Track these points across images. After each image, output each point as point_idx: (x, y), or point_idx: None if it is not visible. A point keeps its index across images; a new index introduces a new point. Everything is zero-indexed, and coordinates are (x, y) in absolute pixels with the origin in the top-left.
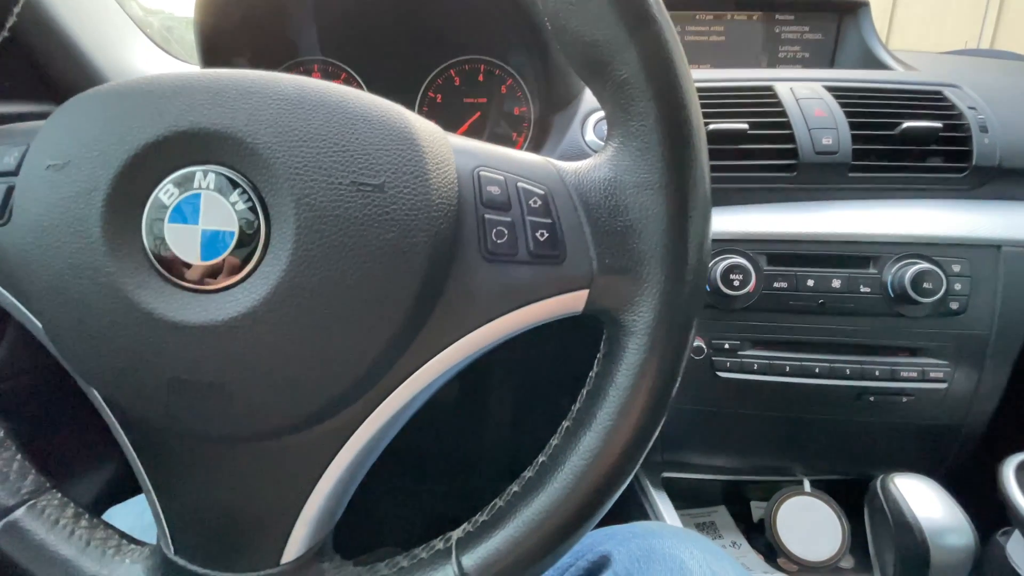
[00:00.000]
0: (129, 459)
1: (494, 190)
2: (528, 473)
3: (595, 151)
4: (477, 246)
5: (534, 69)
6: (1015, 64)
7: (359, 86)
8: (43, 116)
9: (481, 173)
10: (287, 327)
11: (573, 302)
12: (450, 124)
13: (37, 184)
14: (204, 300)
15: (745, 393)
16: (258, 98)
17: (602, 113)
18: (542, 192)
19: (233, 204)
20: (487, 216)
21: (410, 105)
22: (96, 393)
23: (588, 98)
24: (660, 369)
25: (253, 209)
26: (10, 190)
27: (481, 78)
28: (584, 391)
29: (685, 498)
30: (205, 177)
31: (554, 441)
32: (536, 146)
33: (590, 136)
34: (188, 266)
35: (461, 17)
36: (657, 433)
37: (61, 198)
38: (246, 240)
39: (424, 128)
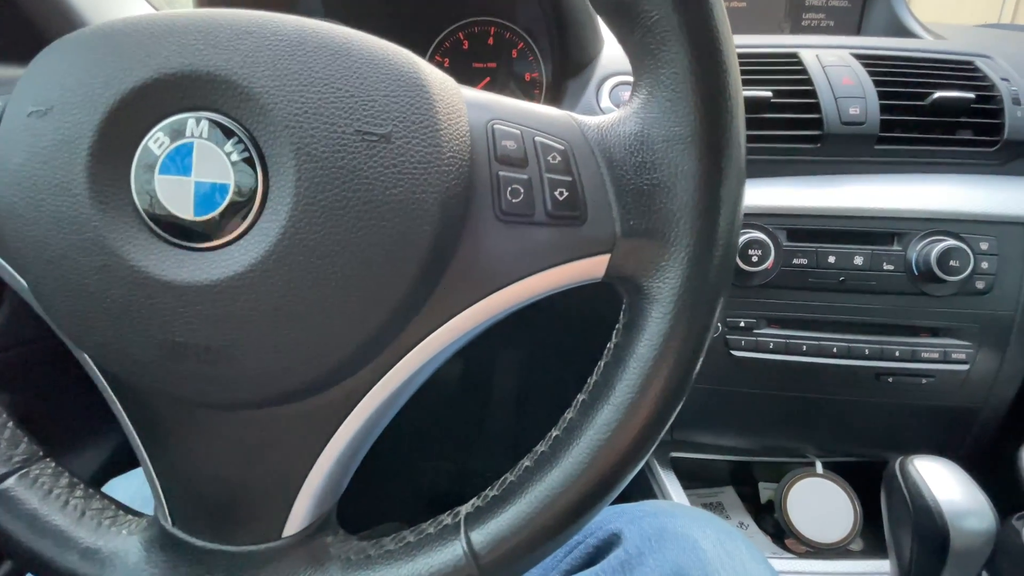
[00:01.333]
0: (123, 427)
1: (509, 144)
2: (541, 447)
3: None
4: (491, 205)
5: (547, 31)
6: None
7: None
8: None
9: (496, 126)
10: (288, 286)
11: (593, 267)
12: None
13: (18, 132)
14: (199, 258)
15: (759, 372)
16: (255, 39)
17: (618, 78)
18: (562, 147)
19: (228, 154)
20: (501, 173)
21: None
22: (87, 358)
23: (603, 62)
24: (685, 340)
25: (250, 160)
26: None
27: (491, 41)
28: (602, 363)
29: (693, 478)
30: (198, 125)
31: (569, 415)
32: None
33: (606, 102)
34: (181, 221)
35: None
36: (679, 408)
37: (43, 147)
38: (242, 194)
39: (435, 76)
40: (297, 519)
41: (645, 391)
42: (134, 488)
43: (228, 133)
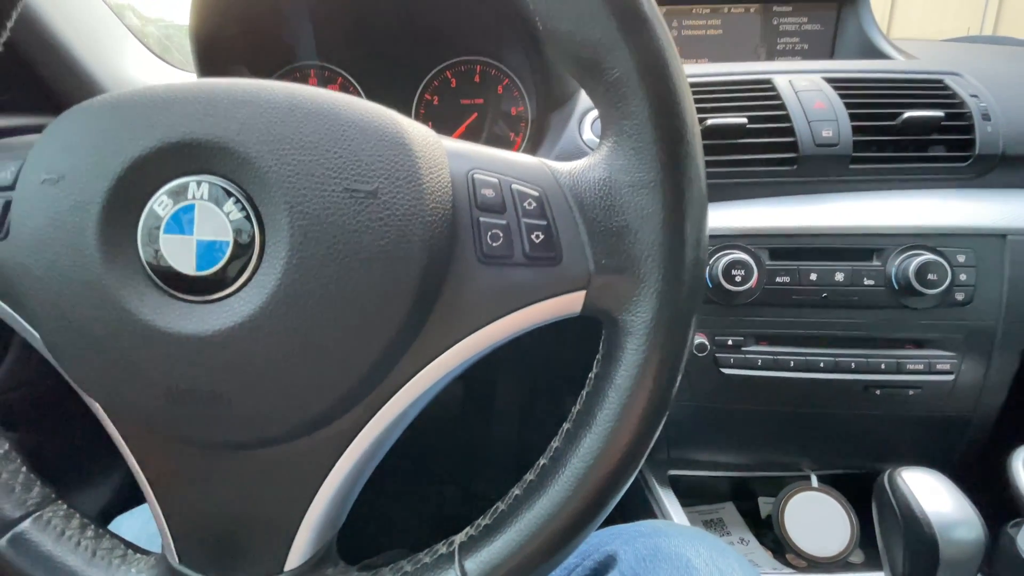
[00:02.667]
0: (131, 468)
1: (488, 193)
2: (530, 476)
3: (592, 149)
4: (473, 249)
5: (530, 68)
6: (1017, 50)
7: (355, 90)
8: (41, 129)
9: (475, 176)
10: (284, 335)
11: (571, 303)
12: (447, 126)
13: (33, 199)
14: (201, 310)
15: (749, 389)
16: (250, 108)
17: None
18: (536, 194)
19: (227, 214)
20: (482, 219)
21: (406, 108)
22: (97, 404)
23: (584, 97)
24: (660, 369)
25: (247, 218)
26: (7, 205)
27: (477, 79)
28: (584, 392)
29: (692, 495)
30: (199, 187)
31: (555, 443)
32: (534, 145)
33: (587, 134)
34: (184, 276)
35: (455, 18)
36: (658, 433)
37: (57, 212)
38: (241, 249)
39: (416, 132)
40: (298, 553)
41: (625, 419)
42: (139, 525)
43: (227, 194)
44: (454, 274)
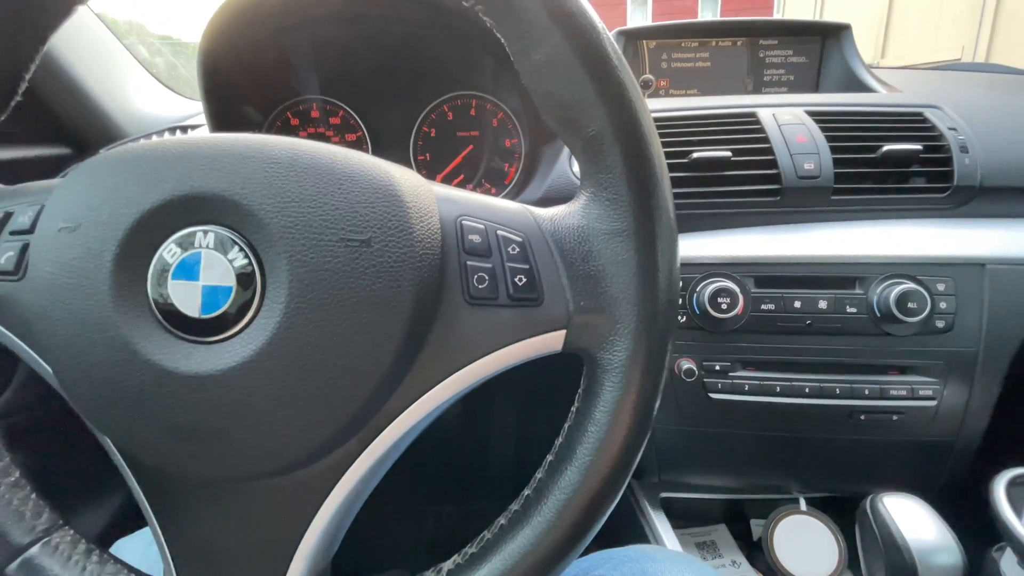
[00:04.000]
0: (136, 498)
1: (475, 238)
2: (515, 506)
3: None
4: (460, 291)
5: (523, 104)
6: (1000, 79)
7: (356, 123)
8: (57, 159)
9: (463, 222)
10: (282, 374)
11: (552, 341)
12: (444, 156)
13: (50, 245)
14: (204, 351)
15: (737, 413)
16: (253, 163)
17: None
18: (520, 239)
19: (231, 261)
20: (469, 263)
21: (405, 139)
22: (103, 437)
23: None
24: (636, 405)
25: (250, 266)
26: (25, 247)
27: (473, 112)
28: (566, 426)
29: (685, 517)
30: (205, 236)
31: (539, 475)
32: (527, 176)
33: (577, 167)
34: (190, 319)
35: (453, 58)
36: (635, 465)
37: (72, 258)
38: (243, 295)
39: (408, 182)
40: None
41: (603, 452)
42: (140, 549)
43: (231, 243)
44: (443, 314)
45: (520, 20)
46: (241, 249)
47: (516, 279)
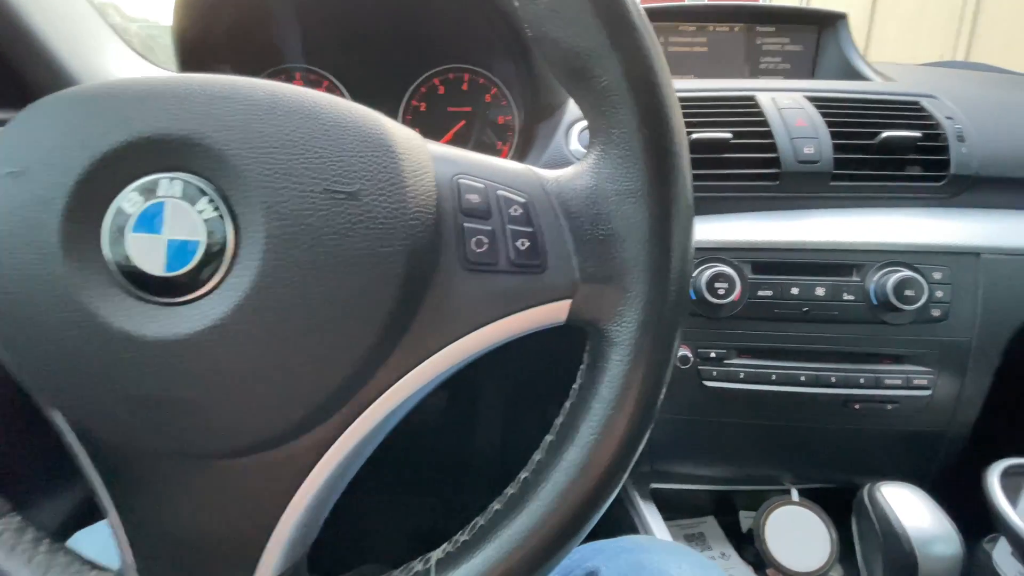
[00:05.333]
0: (89, 479)
1: (474, 198)
2: (511, 490)
3: (579, 159)
4: (457, 255)
5: (519, 78)
6: (991, 75)
7: (341, 94)
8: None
9: (460, 181)
10: (258, 340)
11: (556, 312)
12: (434, 132)
13: None
14: (170, 313)
15: (732, 402)
16: (228, 103)
17: (586, 122)
18: (523, 200)
19: (200, 212)
20: (467, 225)
21: (393, 113)
22: (57, 413)
23: (572, 107)
24: (645, 380)
25: (221, 218)
26: None
27: (465, 87)
28: (567, 404)
29: (674, 508)
30: (171, 184)
31: (537, 456)
32: (521, 154)
33: (574, 145)
34: (153, 278)
35: (445, 26)
36: (643, 446)
37: (18, 207)
38: (214, 250)
39: (401, 134)
40: (266, 569)
41: (609, 431)
42: (100, 543)
43: (200, 192)
44: (437, 281)
45: None
46: (211, 199)
47: (518, 243)
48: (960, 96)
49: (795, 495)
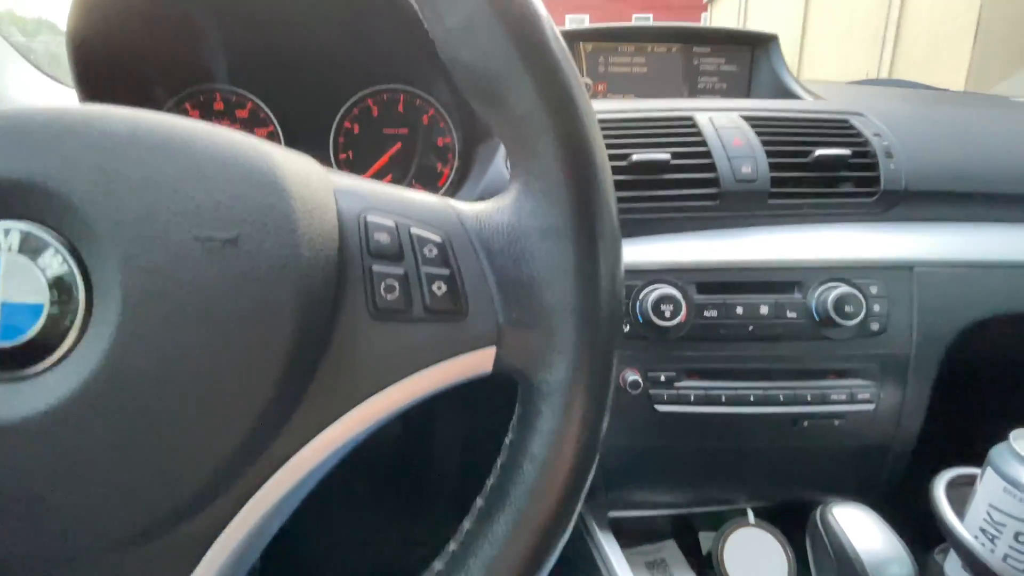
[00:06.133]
0: None
1: (383, 237)
2: (437, 565)
3: None
4: (364, 303)
5: (455, 99)
6: (915, 91)
7: (266, 116)
8: None
9: (368, 219)
10: (118, 416)
11: (480, 362)
12: (369, 155)
13: None
14: (8, 390)
15: (684, 426)
16: (78, 140)
17: None
18: (439, 239)
19: (43, 269)
20: (375, 268)
21: (325, 136)
22: None
23: None
24: (579, 435)
25: (69, 275)
26: None
27: (401, 108)
28: (498, 462)
29: (632, 535)
30: (6, 236)
31: (465, 525)
32: (461, 176)
33: None
34: None
35: (378, 45)
36: (579, 508)
37: None
38: (60, 314)
39: (296, 167)
40: None
41: (542, 496)
42: None
43: (43, 245)
44: (340, 334)
45: None
46: (57, 252)
47: (434, 287)
48: (886, 113)
49: (751, 516)
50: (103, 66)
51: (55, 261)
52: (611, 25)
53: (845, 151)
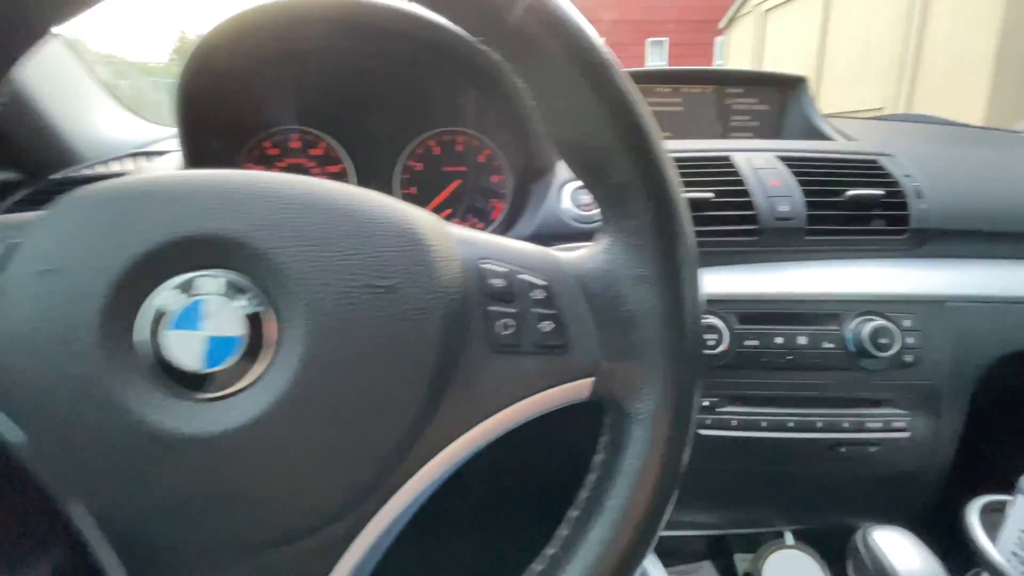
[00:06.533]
0: (109, 573)
1: (498, 283)
2: (538, 566)
3: (571, 218)
4: (484, 338)
5: (512, 141)
6: (942, 129)
7: (338, 155)
8: (2, 186)
9: (483, 266)
10: (298, 432)
11: (579, 390)
12: (430, 192)
13: (27, 289)
14: (209, 408)
15: (725, 449)
16: (266, 203)
17: (577, 183)
18: (544, 283)
19: (241, 309)
20: (491, 308)
21: (390, 173)
22: (88, 516)
23: (562, 168)
24: (666, 457)
25: (263, 314)
26: None
27: (460, 148)
28: (592, 476)
29: (669, 555)
30: (212, 282)
31: (563, 531)
32: (514, 213)
33: (566, 204)
34: (192, 374)
35: (437, 92)
36: (667, 517)
37: (53, 306)
38: (253, 346)
39: (428, 224)
40: None
41: (635, 506)
42: None
43: (241, 290)
44: (466, 363)
45: (545, 68)
46: (254, 295)
47: (542, 325)
48: (916, 154)
49: (789, 538)
50: (204, 110)
51: (252, 303)
52: (650, 68)
53: (878, 191)
